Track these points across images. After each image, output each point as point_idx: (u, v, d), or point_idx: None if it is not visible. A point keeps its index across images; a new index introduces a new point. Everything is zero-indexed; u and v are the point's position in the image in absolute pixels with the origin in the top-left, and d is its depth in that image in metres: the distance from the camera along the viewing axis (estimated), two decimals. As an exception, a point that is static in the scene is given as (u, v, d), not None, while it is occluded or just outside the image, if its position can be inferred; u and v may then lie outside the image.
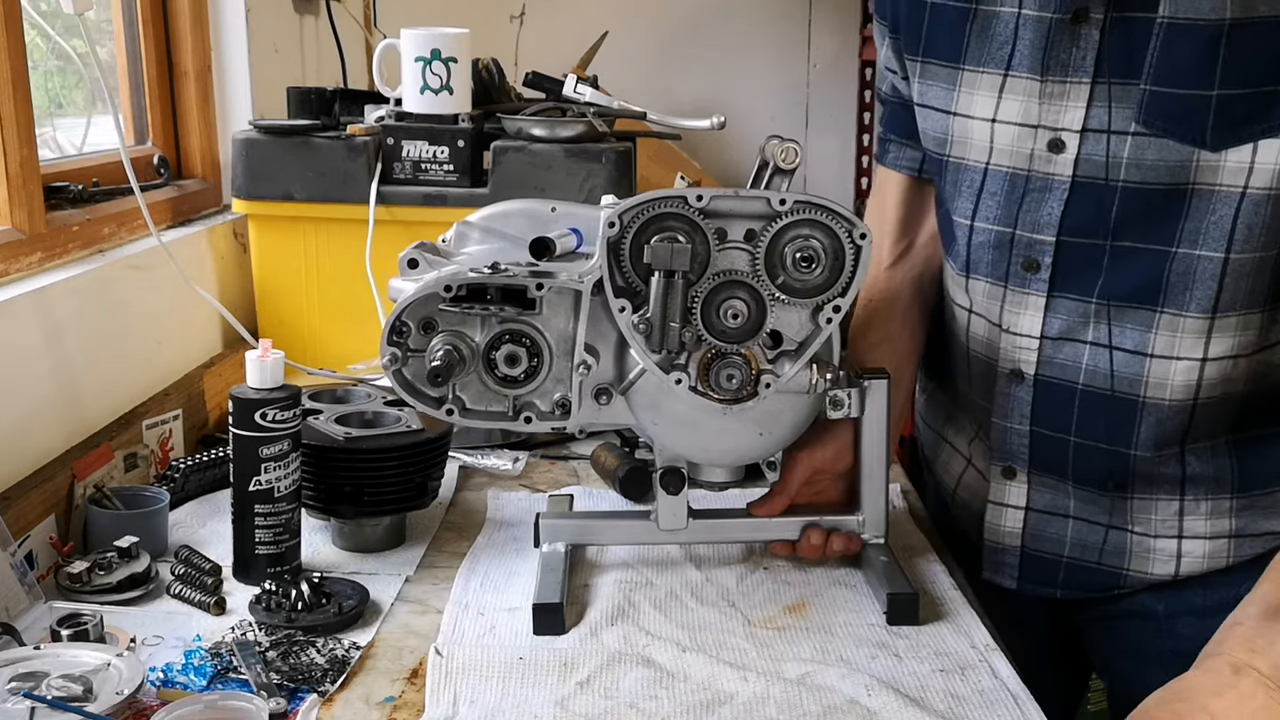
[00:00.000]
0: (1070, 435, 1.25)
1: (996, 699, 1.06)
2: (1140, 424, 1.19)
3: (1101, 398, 1.21)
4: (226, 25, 2.07)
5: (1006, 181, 1.22)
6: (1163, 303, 1.15)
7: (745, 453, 1.26)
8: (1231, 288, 1.12)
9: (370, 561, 1.33)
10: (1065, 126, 1.16)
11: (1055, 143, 1.17)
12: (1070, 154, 1.16)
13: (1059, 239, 1.20)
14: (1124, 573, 1.24)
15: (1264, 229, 1.09)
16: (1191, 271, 1.13)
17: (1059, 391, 1.24)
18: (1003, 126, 1.21)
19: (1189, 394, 1.16)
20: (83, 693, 0.97)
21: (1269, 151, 1.07)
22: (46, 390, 1.39)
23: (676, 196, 1.16)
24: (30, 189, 1.46)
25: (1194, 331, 1.15)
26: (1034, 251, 1.22)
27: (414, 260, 1.24)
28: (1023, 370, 1.26)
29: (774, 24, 3.17)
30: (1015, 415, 1.28)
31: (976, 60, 1.21)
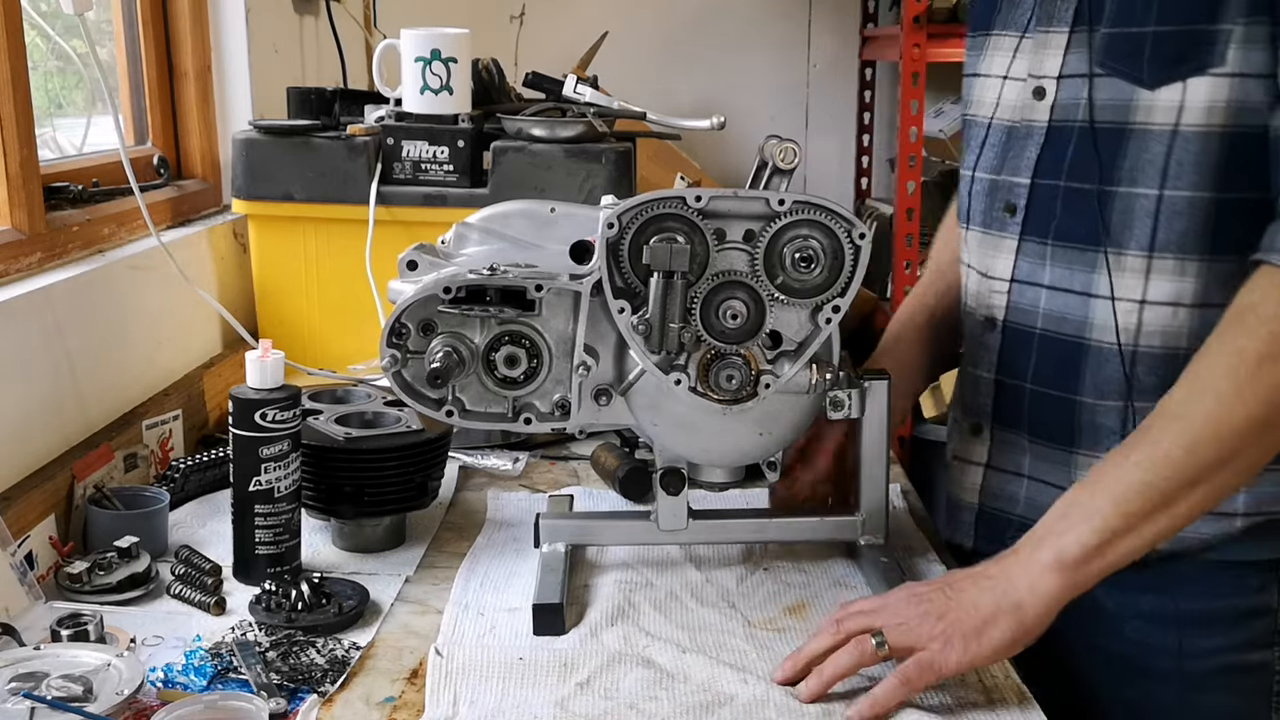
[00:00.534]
0: (1027, 382, 1.27)
1: (997, 699, 1.06)
2: (1085, 368, 1.21)
3: (1054, 341, 1.24)
4: (226, 25, 2.07)
5: (1005, 133, 1.28)
6: (1105, 242, 1.18)
7: (745, 453, 1.26)
8: (1165, 226, 1.15)
9: (370, 562, 1.33)
10: (1046, 74, 1.22)
11: (1038, 90, 1.23)
12: (1049, 100, 1.22)
13: (1033, 181, 1.24)
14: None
15: (1194, 167, 1.13)
16: (1130, 210, 1.17)
17: (1021, 337, 1.27)
18: (1010, 82, 1.27)
19: (1130, 338, 1.18)
20: (83, 693, 0.97)
21: (1198, 90, 1.11)
22: (46, 390, 1.39)
23: (675, 197, 1.16)
24: (30, 189, 1.46)
25: (1133, 271, 1.17)
26: (1013, 195, 1.27)
27: (413, 262, 1.24)
28: (995, 316, 1.30)
29: (774, 24, 3.17)
30: (985, 364, 1.32)
31: (1003, 25, 1.29)
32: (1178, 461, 1.01)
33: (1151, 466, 1.02)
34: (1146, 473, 1.02)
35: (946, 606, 1.03)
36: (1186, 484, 1.01)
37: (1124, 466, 1.04)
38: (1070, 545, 1.02)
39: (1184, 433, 1.02)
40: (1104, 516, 1.01)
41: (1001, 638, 1.01)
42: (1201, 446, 1.01)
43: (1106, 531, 1.01)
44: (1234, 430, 1.00)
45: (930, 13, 2.48)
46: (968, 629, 1.01)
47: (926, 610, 1.04)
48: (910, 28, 2.49)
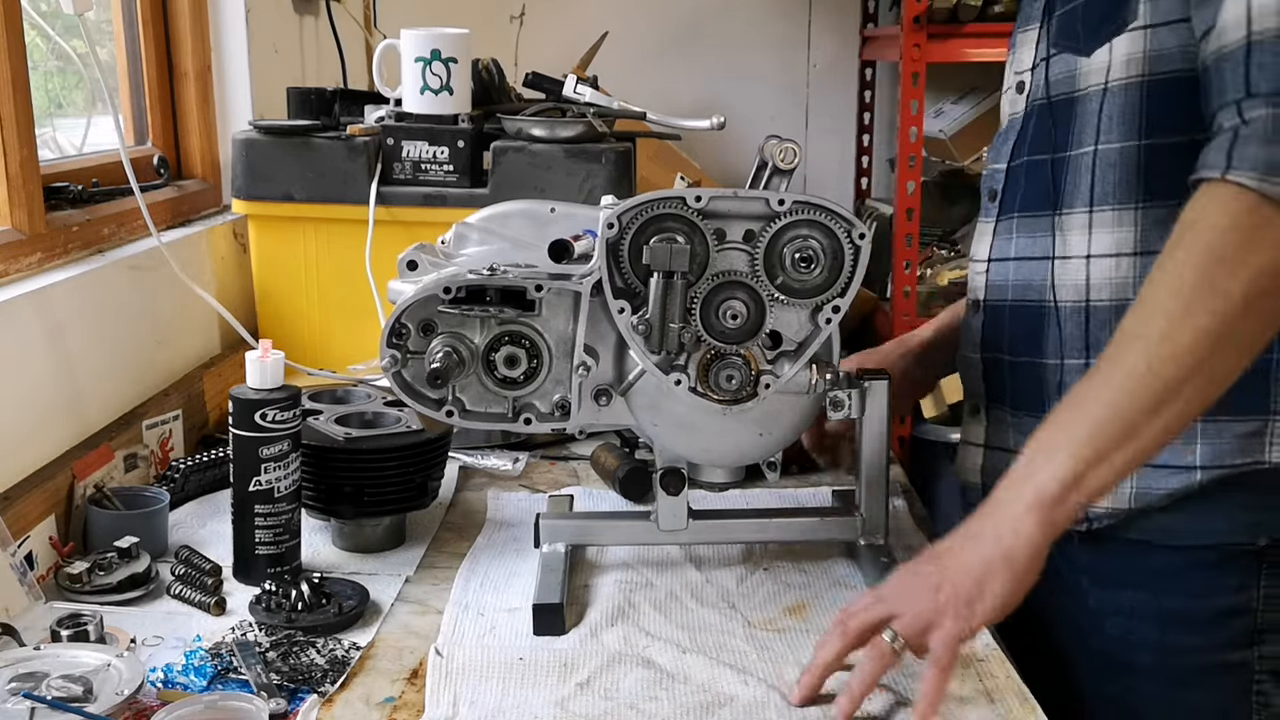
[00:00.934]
0: (1005, 354, 1.30)
1: (997, 699, 1.06)
2: (1047, 330, 1.24)
3: (1022, 310, 1.28)
4: (226, 25, 2.07)
5: (1002, 134, 1.35)
6: (1058, 205, 1.23)
7: (745, 453, 1.26)
8: (1101, 179, 1.19)
9: (370, 562, 1.33)
10: (1024, 68, 1.29)
11: (1019, 84, 1.30)
12: (1026, 91, 1.29)
13: (1008, 166, 1.30)
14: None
15: (1121, 118, 1.17)
16: (1076, 170, 1.21)
17: (997, 312, 1.32)
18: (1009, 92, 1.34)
19: (1080, 295, 1.21)
20: (83, 693, 0.97)
21: (1120, 47, 1.17)
22: (46, 390, 1.39)
23: (675, 197, 1.16)
24: (30, 189, 1.46)
25: (1079, 228, 1.21)
26: (993, 181, 1.33)
27: (413, 262, 1.24)
28: (977, 297, 1.35)
29: (774, 24, 3.16)
30: (970, 345, 1.35)
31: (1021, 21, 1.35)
32: (1139, 386, 1.02)
33: (1114, 394, 1.02)
34: (1110, 402, 1.02)
35: (941, 578, 1.04)
36: (1150, 407, 1.02)
37: (1087, 399, 1.04)
38: (1046, 483, 1.02)
39: (1140, 357, 1.02)
40: (1075, 450, 1.02)
41: (1001, 591, 1.02)
42: (1159, 367, 1.01)
43: (1080, 463, 1.02)
44: (1187, 346, 1.01)
45: (930, 13, 2.48)
46: (968, 594, 1.02)
47: (923, 588, 1.04)
48: (910, 28, 2.48)
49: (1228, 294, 0.99)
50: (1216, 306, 1.00)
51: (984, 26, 2.50)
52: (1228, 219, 1.01)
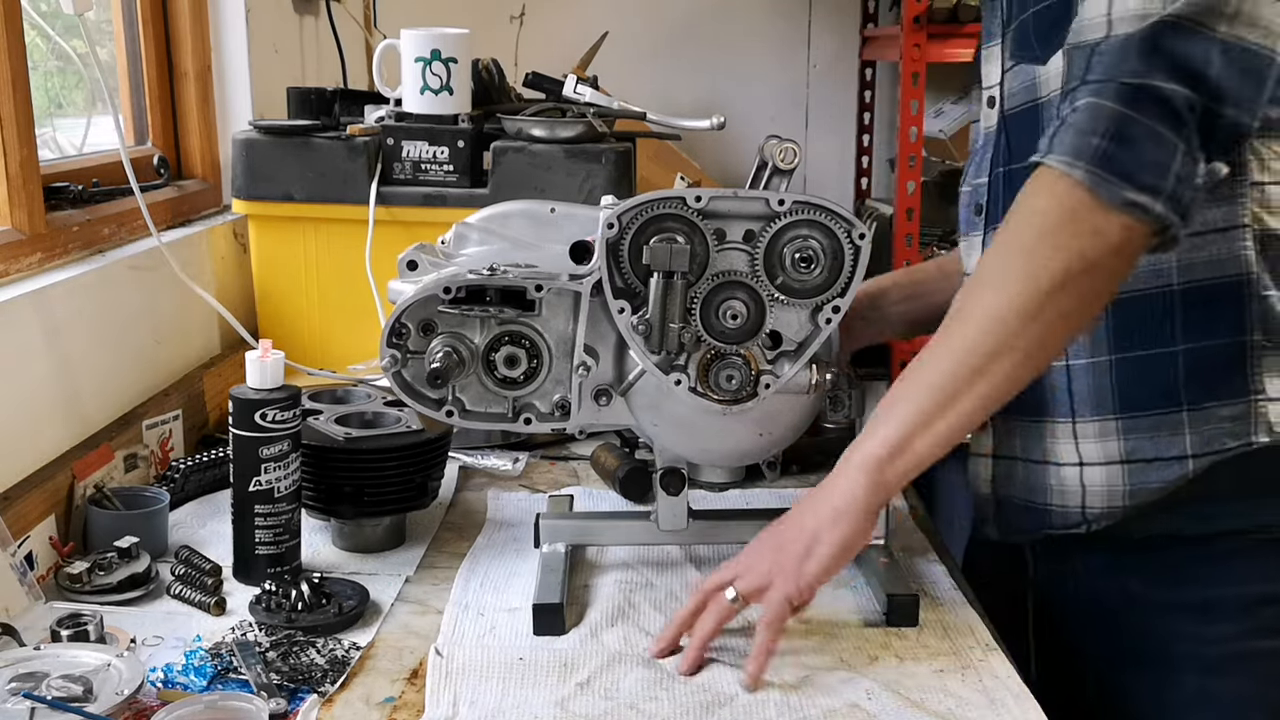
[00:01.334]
0: None
1: (997, 698, 1.06)
2: None
3: None
4: (226, 25, 2.07)
5: (979, 146, 1.35)
6: None
7: (745, 453, 1.26)
8: None
9: (370, 562, 1.33)
10: (993, 82, 1.29)
11: (990, 99, 1.30)
12: (997, 106, 1.29)
13: (989, 179, 1.30)
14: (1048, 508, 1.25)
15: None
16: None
17: None
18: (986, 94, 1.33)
19: None
20: (83, 693, 0.97)
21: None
22: (46, 390, 1.39)
23: (675, 197, 1.16)
24: (30, 189, 1.46)
25: None
26: (979, 196, 1.32)
27: (413, 262, 1.24)
28: None
29: (774, 24, 3.16)
30: None
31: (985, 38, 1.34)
32: (958, 355, 1.07)
33: (940, 364, 1.08)
34: (937, 371, 1.08)
35: (780, 538, 1.10)
36: (968, 376, 1.06)
37: (920, 364, 1.10)
38: (874, 445, 1.08)
39: (962, 327, 1.08)
40: (901, 415, 1.08)
41: (829, 550, 1.07)
42: (979, 337, 1.06)
43: (906, 426, 1.07)
44: (1002, 319, 1.05)
45: (930, 13, 2.48)
46: (799, 552, 1.08)
47: (766, 548, 1.11)
48: (910, 28, 2.48)
49: (1042, 272, 1.04)
50: (1030, 284, 1.04)
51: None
52: (1044, 201, 1.06)
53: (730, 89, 3.14)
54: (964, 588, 1.28)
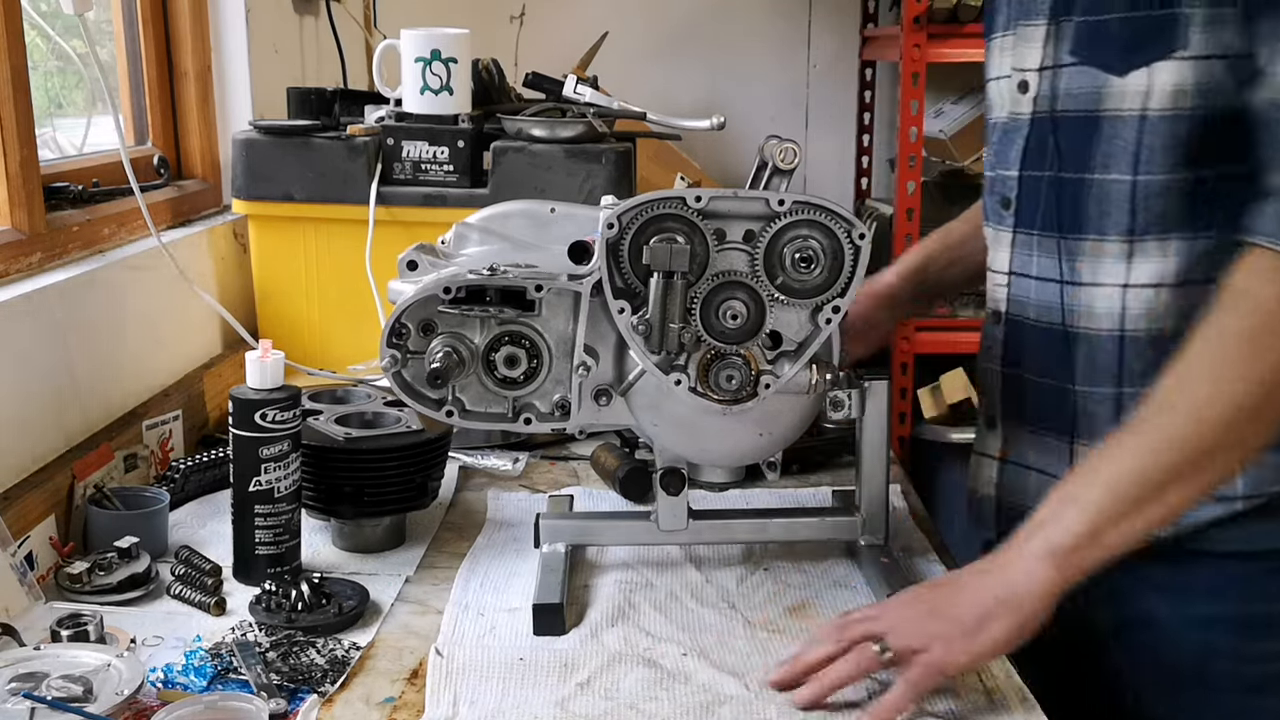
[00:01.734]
0: (1027, 373, 1.28)
1: (997, 698, 1.06)
2: (1076, 356, 1.22)
3: (1046, 331, 1.25)
4: (226, 26, 2.07)
5: (1001, 130, 1.29)
6: (1087, 229, 1.19)
7: (745, 453, 1.26)
8: (1144, 210, 1.15)
9: (370, 562, 1.33)
10: (1028, 67, 1.23)
11: (1022, 84, 1.24)
12: (1031, 93, 1.23)
13: (1020, 174, 1.25)
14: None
15: (1165, 150, 1.13)
16: (1107, 196, 1.18)
17: (1020, 328, 1.29)
18: (1004, 81, 1.28)
19: (1115, 324, 1.19)
20: (83, 693, 0.97)
21: (1164, 74, 1.12)
22: (46, 390, 1.39)
23: (675, 197, 1.16)
24: (30, 189, 1.46)
25: (1115, 256, 1.18)
26: (1005, 189, 1.28)
27: (413, 262, 1.24)
28: (999, 309, 1.32)
29: (774, 24, 3.17)
30: (993, 357, 1.33)
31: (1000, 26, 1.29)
32: (1171, 450, 1.01)
33: (1143, 455, 1.02)
34: (1138, 461, 1.02)
35: (946, 604, 1.04)
36: (1177, 473, 1.01)
37: (1116, 455, 1.04)
38: (1061, 535, 1.01)
39: (1174, 422, 1.02)
40: (1095, 505, 1.01)
41: (1001, 632, 1.01)
42: (1193, 434, 1.01)
43: (1098, 519, 1.01)
44: (1224, 419, 1.00)
45: (930, 13, 2.48)
46: (968, 626, 1.01)
47: (926, 610, 1.04)
48: (910, 28, 2.48)
49: (1269, 368, 0.99)
50: (1256, 380, 0.99)
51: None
52: (1269, 289, 1.01)
53: (730, 89, 3.14)
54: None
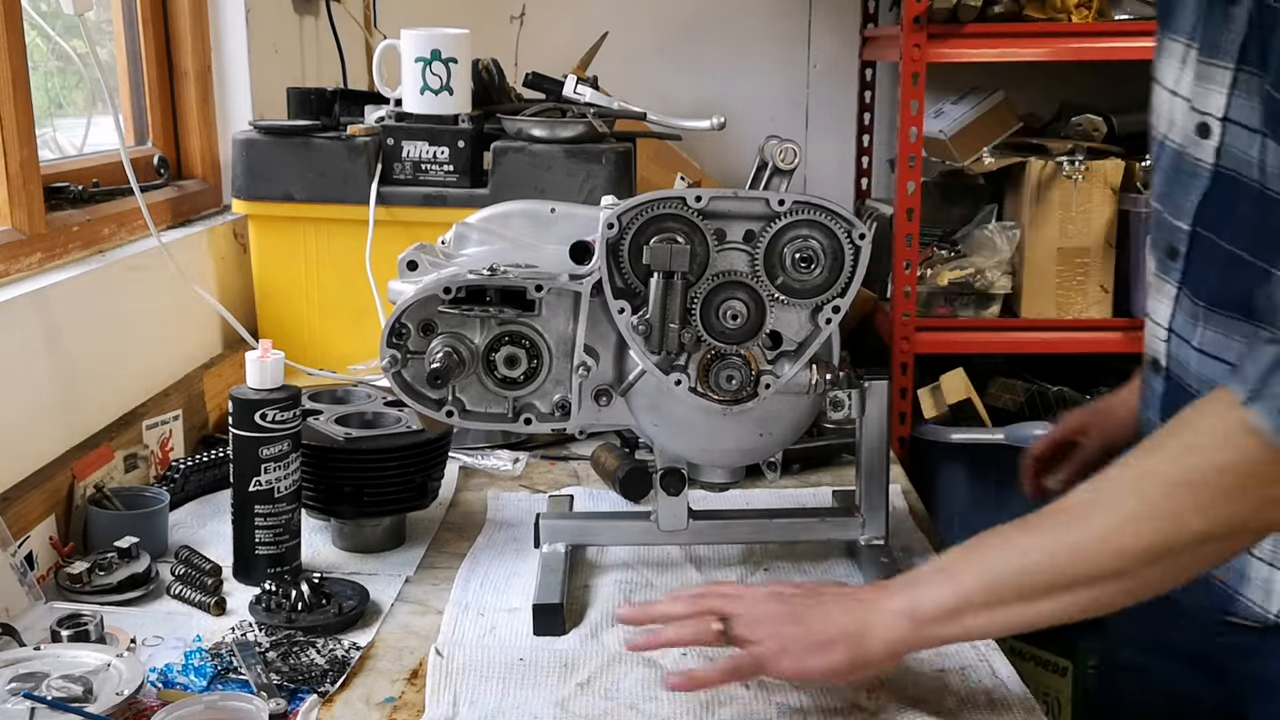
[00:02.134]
0: None
1: (996, 698, 1.06)
2: None
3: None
4: (226, 26, 2.07)
5: (1173, 160, 1.14)
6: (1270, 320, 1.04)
7: (745, 453, 1.26)
8: None
9: (370, 562, 1.33)
10: (1210, 111, 1.06)
11: (1202, 126, 1.08)
12: (1214, 141, 1.07)
13: (1194, 230, 1.11)
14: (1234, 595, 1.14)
15: None
16: None
17: (1182, 391, 1.16)
18: (1179, 100, 1.13)
19: None
20: (83, 693, 0.97)
21: None
22: (46, 390, 1.39)
23: (675, 197, 1.16)
24: (30, 189, 1.46)
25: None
26: (1175, 239, 1.14)
27: (413, 262, 1.24)
28: (1159, 360, 1.19)
29: (774, 24, 3.16)
30: (1152, 406, 1.22)
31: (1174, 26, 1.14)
32: (1061, 561, 0.96)
33: (1037, 556, 0.96)
34: (1024, 560, 0.97)
35: (803, 614, 1.01)
36: (1061, 585, 0.96)
37: (1010, 544, 0.98)
38: (926, 601, 0.98)
39: (1075, 537, 0.96)
40: (966, 589, 0.97)
41: (838, 661, 0.99)
42: (1087, 555, 0.95)
43: (963, 604, 0.97)
44: (1123, 551, 0.94)
45: (930, 13, 2.47)
46: (811, 642, 0.99)
47: (783, 611, 1.02)
48: (910, 28, 2.48)
49: (1186, 528, 0.92)
50: (1170, 534, 0.93)
51: (984, 27, 2.50)
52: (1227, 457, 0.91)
53: (730, 89, 3.13)
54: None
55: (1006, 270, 2.59)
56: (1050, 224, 2.57)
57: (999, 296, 2.62)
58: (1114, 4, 2.56)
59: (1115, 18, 2.54)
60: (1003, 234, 2.59)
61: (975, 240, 2.63)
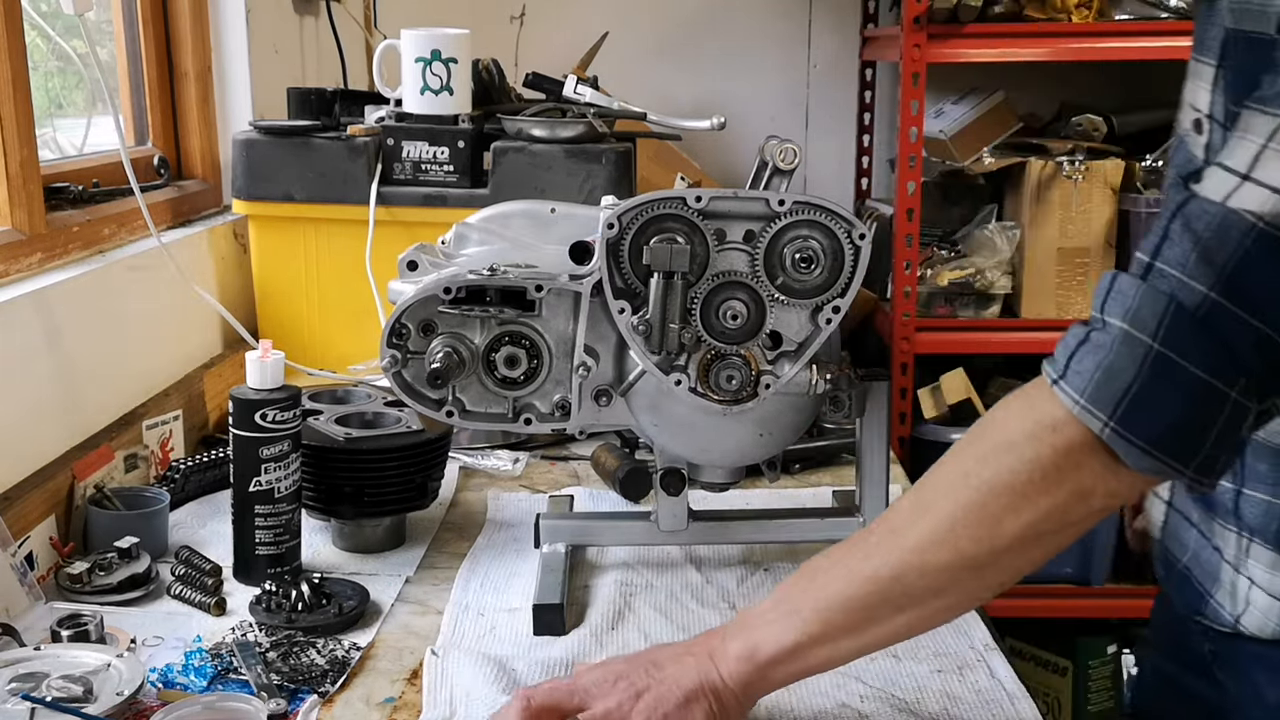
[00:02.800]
0: None
1: (992, 699, 1.06)
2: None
3: None
4: (226, 26, 2.07)
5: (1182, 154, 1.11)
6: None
7: (745, 454, 1.26)
8: None
9: (370, 562, 1.33)
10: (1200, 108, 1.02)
11: (1196, 123, 1.04)
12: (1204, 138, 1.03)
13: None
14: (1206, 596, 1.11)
15: None
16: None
17: None
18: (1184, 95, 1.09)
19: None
20: (83, 693, 0.97)
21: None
22: (47, 391, 1.39)
23: (675, 197, 1.16)
24: (30, 189, 1.46)
25: None
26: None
27: (413, 262, 1.24)
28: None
29: (774, 24, 3.16)
30: None
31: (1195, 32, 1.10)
32: (886, 584, 0.93)
33: (862, 581, 0.94)
34: (854, 589, 0.94)
35: (649, 684, 0.97)
36: (893, 606, 0.94)
37: (837, 572, 0.96)
38: (764, 642, 0.96)
39: (899, 553, 0.93)
40: (803, 625, 0.95)
41: (702, 715, 0.95)
42: (911, 574, 0.92)
43: (804, 637, 0.95)
44: (943, 565, 0.91)
45: (931, 13, 2.48)
46: (669, 708, 0.95)
47: (627, 689, 0.97)
48: (910, 28, 2.48)
49: (1004, 530, 0.90)
50: (988, 538, 0.90)
51: (984, 27, 2.50)
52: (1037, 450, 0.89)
53: (730, 89, 3.13)
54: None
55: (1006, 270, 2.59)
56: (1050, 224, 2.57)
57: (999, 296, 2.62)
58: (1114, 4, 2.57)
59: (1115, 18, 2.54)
60: (1003, 234, 2.59)
61: (975, 240, 2.63)
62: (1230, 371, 0.84)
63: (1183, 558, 1.13)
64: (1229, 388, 0.84)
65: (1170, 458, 0.85)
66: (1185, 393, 0.84)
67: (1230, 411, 0.85)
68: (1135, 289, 0.87)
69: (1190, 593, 1.11)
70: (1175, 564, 1.13)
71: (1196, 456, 0.86)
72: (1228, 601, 1.06)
